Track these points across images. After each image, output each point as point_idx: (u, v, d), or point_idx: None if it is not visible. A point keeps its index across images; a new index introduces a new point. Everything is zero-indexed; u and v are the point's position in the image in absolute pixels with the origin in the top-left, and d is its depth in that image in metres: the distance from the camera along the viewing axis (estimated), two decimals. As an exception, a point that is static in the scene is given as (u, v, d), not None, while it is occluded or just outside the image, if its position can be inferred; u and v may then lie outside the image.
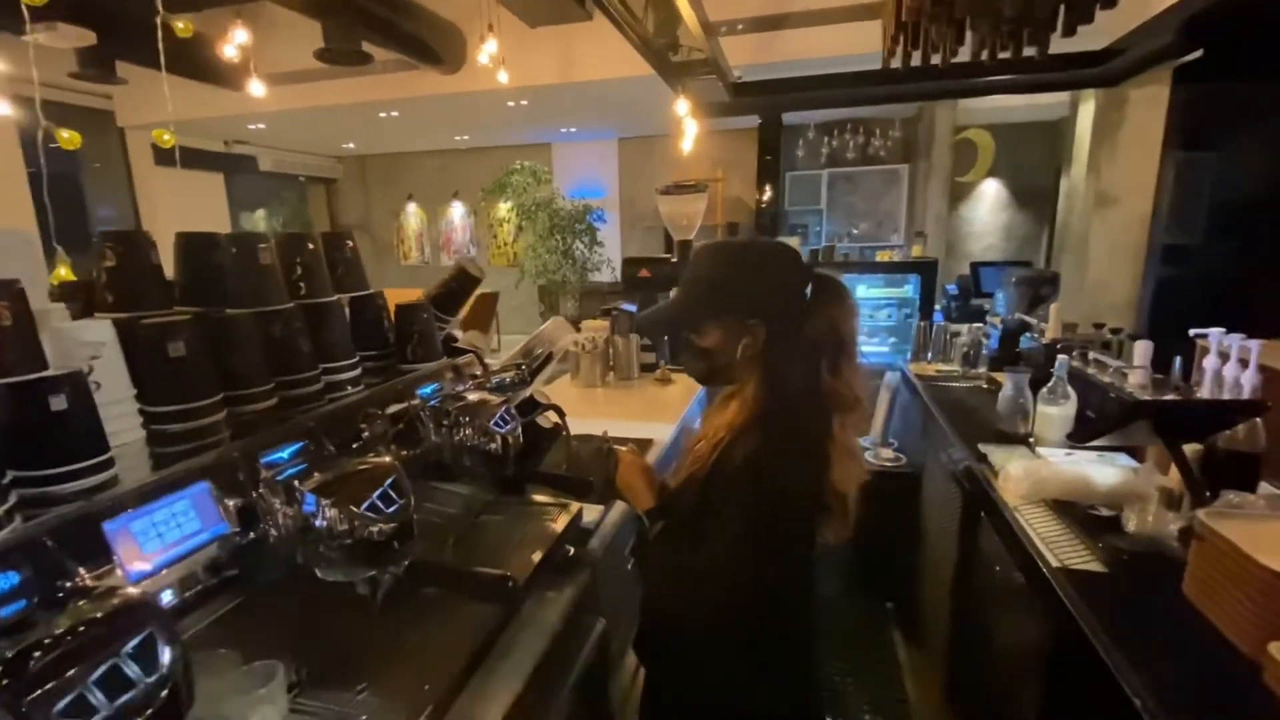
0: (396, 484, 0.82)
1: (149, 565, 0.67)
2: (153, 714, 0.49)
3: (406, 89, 6.05)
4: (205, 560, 0.74)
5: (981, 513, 1.85)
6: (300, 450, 0.88)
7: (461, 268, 1.39)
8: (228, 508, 0.77)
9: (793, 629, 1.10)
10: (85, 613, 0.51)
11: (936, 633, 2.35)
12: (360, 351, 1.25)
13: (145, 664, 0.50)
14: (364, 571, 0.80)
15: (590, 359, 2.77)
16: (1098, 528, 1.46)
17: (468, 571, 0.92)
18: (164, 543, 0.70)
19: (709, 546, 0.98)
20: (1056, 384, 1.92)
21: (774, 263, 1.05)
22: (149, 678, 0.50)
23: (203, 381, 0.92)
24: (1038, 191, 7.45)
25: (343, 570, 0.79)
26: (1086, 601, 1.21)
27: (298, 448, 0.88)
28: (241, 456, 0.82)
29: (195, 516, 0.74)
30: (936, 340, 3.34)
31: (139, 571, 0.66)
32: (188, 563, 0.72)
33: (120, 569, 0.64)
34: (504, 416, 1.12)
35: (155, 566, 0.68)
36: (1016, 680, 1.59)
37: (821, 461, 0.99)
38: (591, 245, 7.73)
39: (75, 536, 0.63)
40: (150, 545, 0.69)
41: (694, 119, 4.00)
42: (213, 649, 0.76)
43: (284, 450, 0.86)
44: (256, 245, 1.04)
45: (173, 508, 0.72)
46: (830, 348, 1.01)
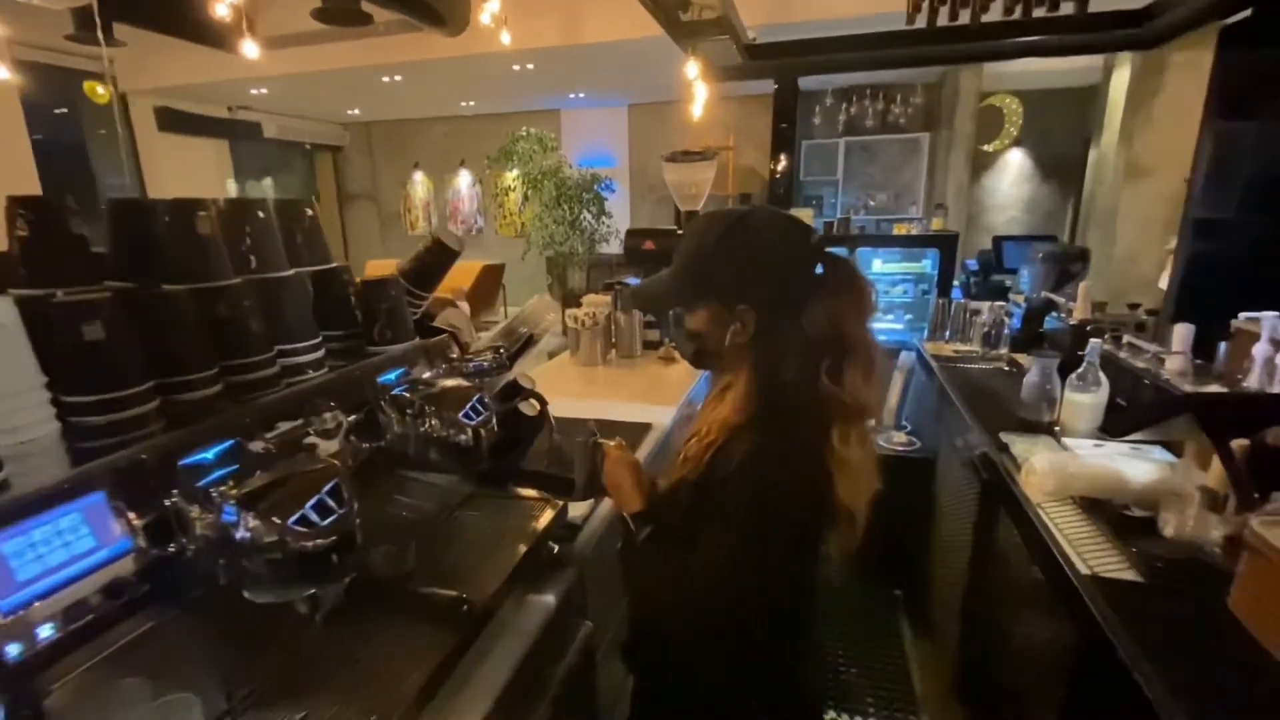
0: (336, 491, 0.71)
1: (20, 595, 0.57)
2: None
3: (409, 52, 5.87)
4: (101, 583, 0.64)
5: (1000, 507, 1.74)
6: (230, 450, 0.77)
7: (438, 239, 1.26)
8: (131, 521, 0.67)
9: (790, 636, 1.00)
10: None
11: (947, 625, 2.26)
12: (325, 331, 1.14)
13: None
14: (296, 592, 0.70)
15: (591, 335, 2.64)
16: (1131, 530, 1.34)
17: (416, 593, 0.82)
18: (45, 566, 0.60)
19: (701, 556, 0.88)
20: (1087, 369, 1.78)
21: (772, 239, 0.91)
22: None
23: (127, 367, 0.81)
24: (1064, 162, 7.14)
25: (273, 591, 0.69)
26: (1120, 615, 1.09)
27: (226, 447, 0.77)
28: (153, 459, 0.72)
29: (89, 533, 0.64)
30: (955, 318, 3.19)
31: (8, 601, 0.56)
32: (77, 588, 0.62)
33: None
34: (476, 407, 1.01)
35: (32, 595, 0.58)
36: (1036, 687, 1.49)
37: (824, 470, 0.87)
38: (599, 216, 7.54)
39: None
40: (26, 570, 0.59)
41: (705, 83, 3.80)
42: (120, 681, 0.67)
43: (209, 451, 0.75)
44: (194, 213, 0.92)
45: (58, 524, 0.62)
46: (831, 347, 0.88)
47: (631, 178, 8.57)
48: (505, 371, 1.23)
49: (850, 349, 0.87)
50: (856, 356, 0.88)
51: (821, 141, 7.52)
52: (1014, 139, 7.12)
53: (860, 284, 0.89)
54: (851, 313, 0.88)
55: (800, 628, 1.01)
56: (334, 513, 0.70)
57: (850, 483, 0.87)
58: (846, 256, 0.92)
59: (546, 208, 7.37)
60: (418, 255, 1.27)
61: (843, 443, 0.86)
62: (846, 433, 0.87)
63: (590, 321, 2.61)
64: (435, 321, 1.30)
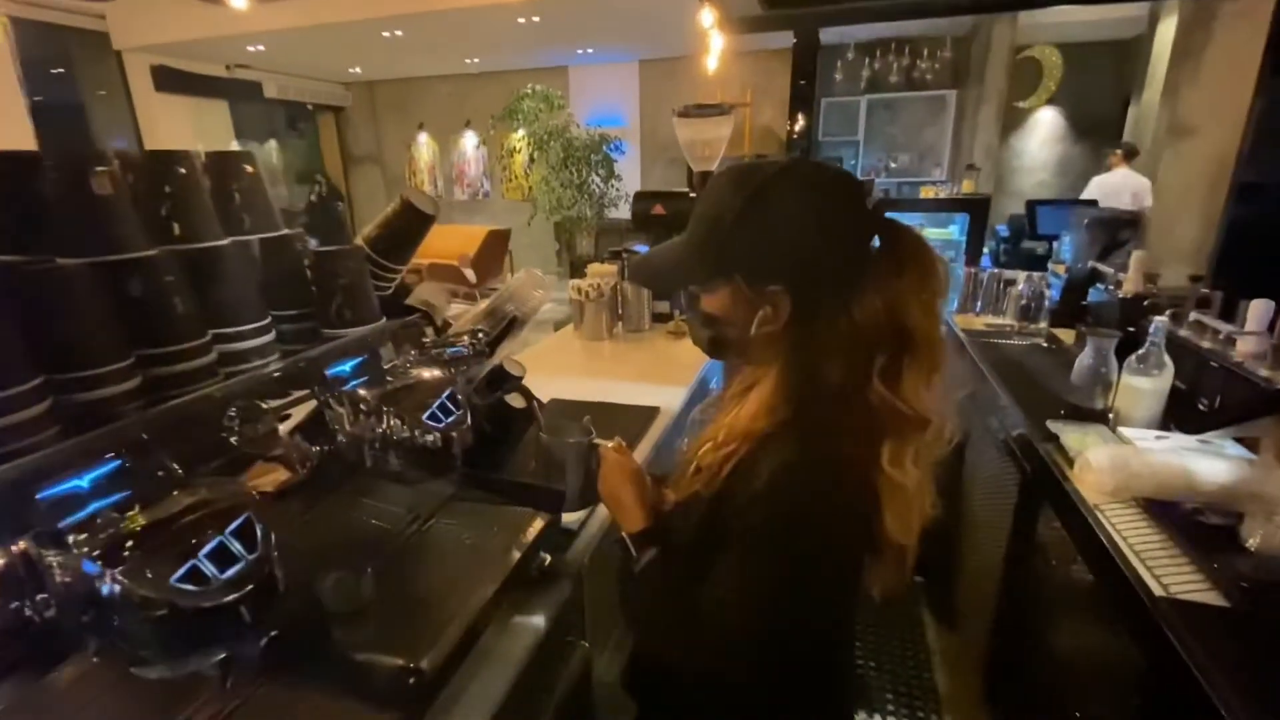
0: (246, 530, 0.55)
1: None
2: None
3: (409, 4, 5.59)
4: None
5: (1046, 503, 1.56)
6: (114, 473, 0.60)
7: (406, 201, 1.07)
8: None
9: (822, 698, 0.84)
10: None
11: (976, 620, 2.11)
12: (275, 311, 0.97)
13: None
14: (195, 659, 0.55)
15: (596, 308, 2.47)
16: (1208, 541, 1.16)
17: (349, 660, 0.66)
18: None
19: (714, 593, 0.71)
20: (1150, 351, 1.58)
21: (812, 203, 0.70)
22: None
23: (5, 361, 0.65)
24: (1100, 121, 6.75)
25: (161, 661, 0.53)
26: (1206, 648, 0.93)
27: (108, 470, 0.60)
28: (8, 486, 0.56)
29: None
30: (988, 289, 2.97)
31: None
32: None
33: None
34: (446, 405, 0.84)
35: None
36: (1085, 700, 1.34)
37: (870, 497, 0.70)
38: (609, 179, 7.27)
39: None
40: None
41: (720, 32, 3.53)
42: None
43: (83, 477, 0.58)
44: (88, 169, 0.74)
45: None
46: (888, 342, 0.69)
47: (642, 139, 8.26)
48: (485, 359, 1.06)
49: (912, 345, 0.68)
50: (919, 355, 0.69)
51: (842, 99, 7.16)
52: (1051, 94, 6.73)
53: (929, 260, 0.69)
54: (917, 298, 0.68)
55: (833, 681, 0.85)
56: (239, 560, 0.54)
57: (901, 512, 0.69)
58: (910, 225, 0.72)
59: (553, 170, 7.10)
60: (384, 220, 1.08)
61: (895, 464, 0.68)
62: (901, 451, 0.68)
63: (595, 293, 2.43)
64: (409, 299, 1.13)
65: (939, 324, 0.71)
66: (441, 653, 0.69)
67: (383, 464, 0.84)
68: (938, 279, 0.69)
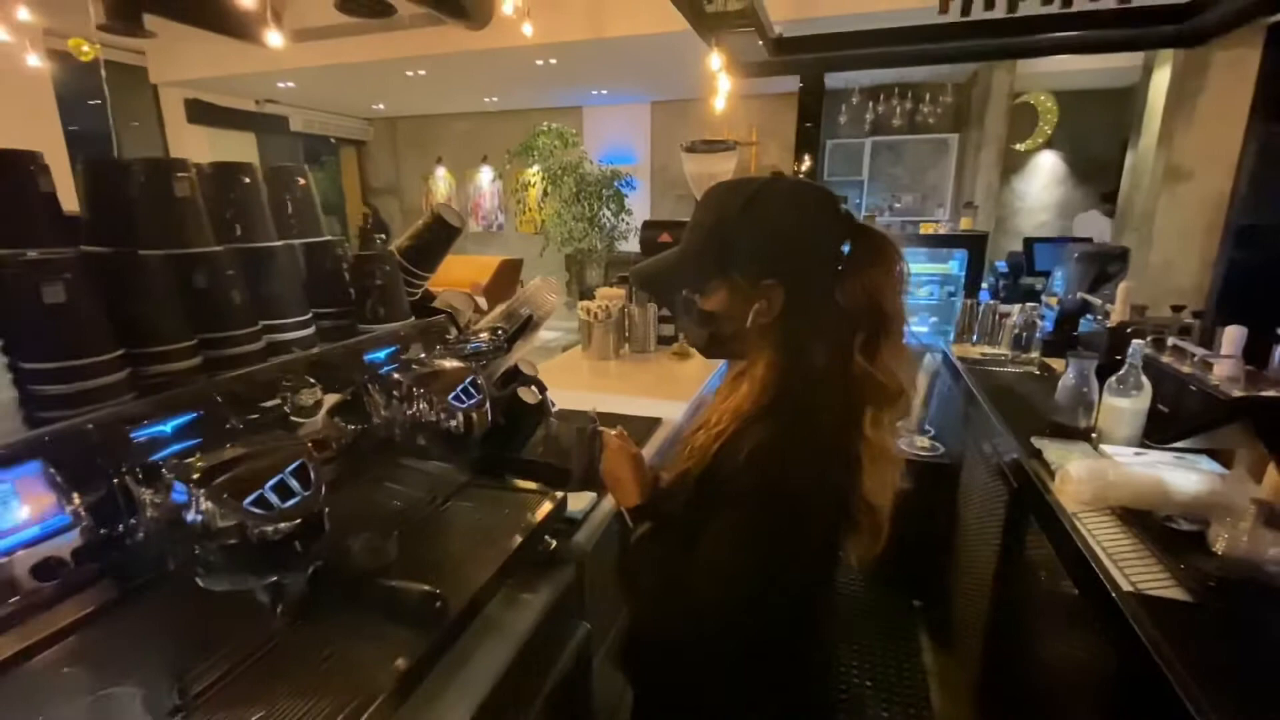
0: (301, 471, 0.65)
1: (-69, 571, 0.52)
2: None
3: (433, 46, 5.87)
4: (31, 562, 0.59)
5: (1031, 516, 1.63)
6: (191, 425, 0.71)
7: (437, 215, 1.20)
8: (70, 494, 0.61)
9: (802, 650, 0.91)
10: None
11: (968, 639, 2.15)
12: (315, 308, 1.08)
13: None
14: (255, 580, 0.64)
15: (603, 329, 2.58)
16: (1178, 545, 1.23)
17: (386, 587, 0.75)
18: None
19: (702, 558, 0.80)
20: (1129, 372, 1.66)
21: (800, 208, 0.83)
22: None
23: (92, 334, 0.76)
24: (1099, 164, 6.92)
25: (228, 577, 0.63)
26: (1169, 639, 0.99)
27: (187, 420, 0.71)
28: (100, 429, 0.66)
29: (18, 505, 0.59)
30: (983, 320, 3.07)
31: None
32: (3, 565, 0.56)
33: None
34: (468, 389, 0.94)
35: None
36: (1068, 709, 1.39)
37: (848, 464, 0.79)
38: (619, 213, 7.48)
39: None
40: (-57, 543, 0.53)
41: (728, 75, 3.72)
42: (56, 669, 0.61)
43: (166, 424, 0.69)
44: (172, 174, 0.86)
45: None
46: (867, 321, 0.80)
47: (652, 175, 8.51)
48: (503, 354, 1.16)
49: (887, 323, 0.79)
50: (893, 331, 0.80)
51: (847, 141, 7.38)
52: (1047, 138, 6.93)
53: (895, 252, 0.81)
54: (889, 283, 0.80)
55: (814, 642, 0.92)
56: (296, 495, 0.63)
57: (879, 473, 0.79)
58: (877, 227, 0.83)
59: (566, 204, 7.32)
60: (416, 232, 1.21)
61: (875, 427, 0.78)
62: (880, 416, 0.79)
63: (603, 314, 2.54)
64: (435, 302, 1.24)
65: (904, 306, 0.82)
66: (470, 587, 0.77)
67: (411, 442, 0.93)
68: (903, 266, 0.80)
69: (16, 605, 0.58)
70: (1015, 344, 2.70)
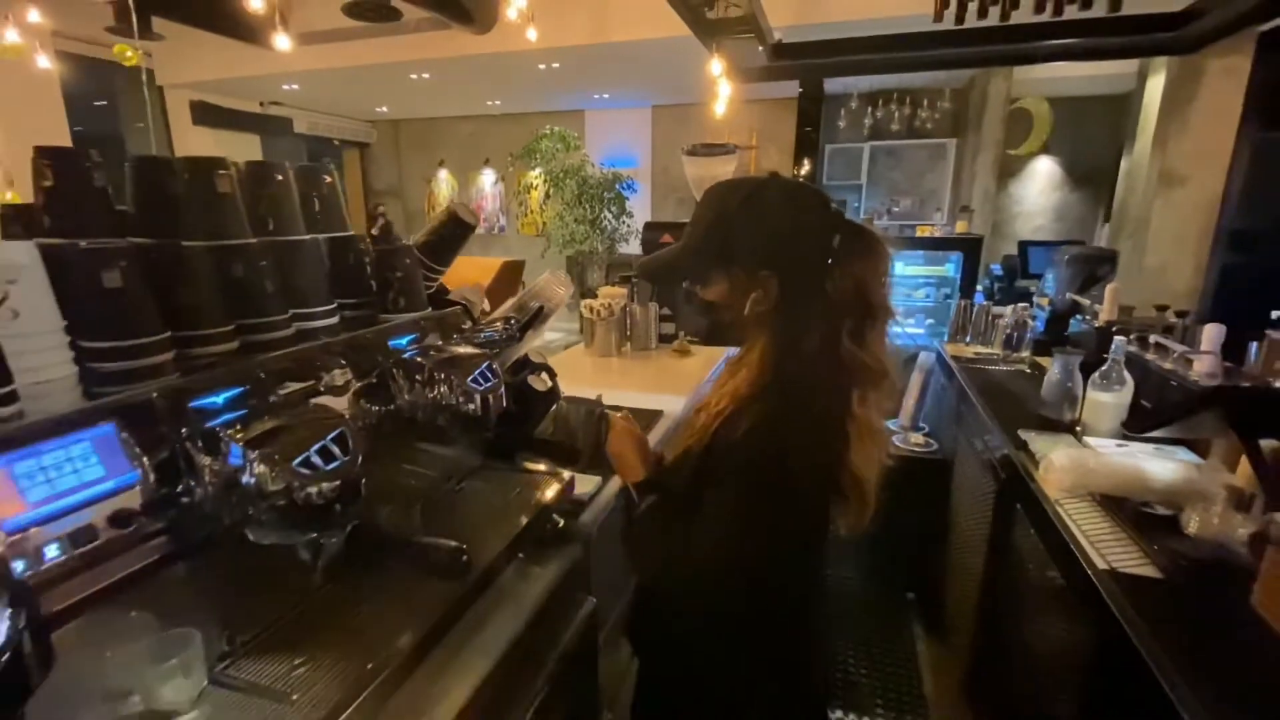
0: (342, 438, 0.72)
1: (29, 515, 0.59)
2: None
3: (437, 49, 5.94)
4: (108, 512, 0.65)
5: (1017, 505, 1.70)
6: (239, 396, 0.78)
7: (453, 212, 1.27)
8: (139, 454, 0.68)
9: (797, 620, 0.98)
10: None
11: (960, 628, 2.21)
12: (339, 299, 1.15)
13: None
14: (299, 535, 0.71)
15: (606, 327, 2.65)
16: (1152, 528, 1.30)
17: (416, 542, 0.82)
18: (54, 489, 0.62)
19: (702, 526, 0.86)
20: (1111, 367, 1.73)
21: (793, 204, 0.90)
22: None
23: (144, 317, 0.83)
24: (1095, 170, 7.01)
25: (276, 533, 0.70)
26: (1138, 610, 1.06)
27: (237, 393, 0.78)
28: (164, 399, 0.73)
29: (97, 462, 0.66)
30: (977, 321, 3.14)
31: (16, 520, 0.57)
32: (84, 514, 0.63)
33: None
34: (485, 373, 1.01)
35: (40, 516, 0.59)
36: (1050, 688, 1.45)
37: (837, 439, 0.86)
38: (620, 215, 7.56)
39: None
40: (37, 491, 0.60)
41: (729, 80, 3.80)
42: (123, 613, 0.68)
43: (220, 395, 0.76)
44: (214, 171, 0.93)
45: (69, 450, 0.64)
46: (854, 310, 0.87)
47: (653, 179, 8.60)
48: (515, 343, 1.23)
49: (874, 311, 0.87)
50: (879, 319, 0.87)
51: (846, 145, 7.47)
52: (1042, 144, 7.01)
53: (881, 246, 0.88)
54: (875, 275, 0.87)
55: (807, 609, 0.99)
56: (337, 459, 0.70)
57: (865, 448, 0.86)
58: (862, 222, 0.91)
59: (568, 206, 7.40)
60: (433, 228, 1.28)
61: (862, 405, 0.85)
62: (866, 395, 0.86)
63: (606, 312, 2.61)
64: (450, 295, 1.31)
65: (890, 295, 0.89)
66: (487, 554, 0.84)
67: (432, 422, 1.00)
68: (889, 260, 0.88)
69: (96, 549, 0.65)
70: (1007, 344, 2.77)
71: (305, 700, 0.68)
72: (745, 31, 3.70)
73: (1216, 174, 4.77)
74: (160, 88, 7.94)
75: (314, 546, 0.74)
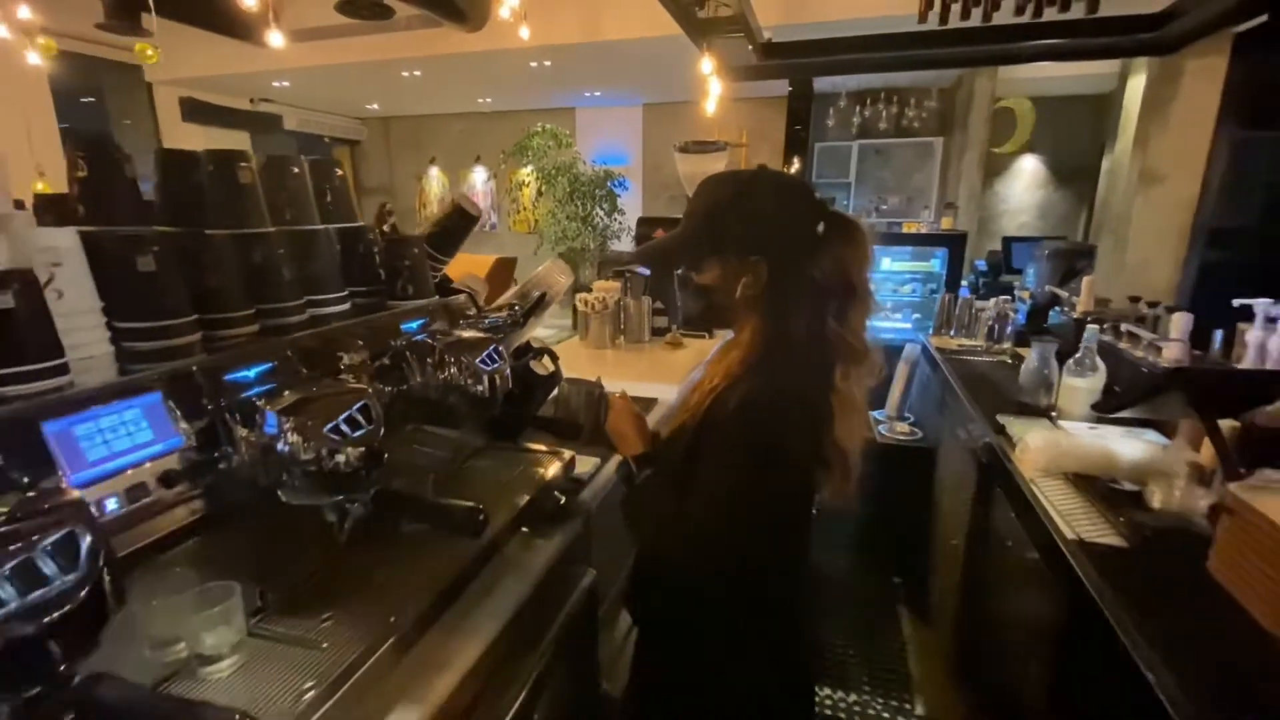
0: (366, 408, 0.78)
1: (90, 471, 0.64)
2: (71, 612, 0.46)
3: (429, 47, 5.97)
4: (158, 472, 0.71)
5: (997, 488, 1.78)
6: (269, 371, 0.84)
7: (457, 205, 1.33)
8: (183, 421, 0.74)
9: (786, 583, 1.05)
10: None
11: (945, 610, 2.30)
12: (349, 286, 1.21)
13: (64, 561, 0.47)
14: (328, 496, 0.76)
15: (600, 320, 2.71)
16: (1120, 502, 1.38)
17: (436, 503, 0.88)
18: (111, 450, 0.67)
19: (697, 495, 0.93)
20: (1085, 354, 1.82)
21: (781, 195, 0.97)
22: (68, 575, 0.47)
23: (175, 300, 0.88)
24: (1078, 169, 7.13)
25: (307, 494, 0.76)
26: (1104, 576, 1.14)
27: (267, 368, 0.84)
28: (203, 371, 0.79)
29: (147, 426, 0.71)
30: (961, 314, 3.23)
31: (82, 477, 0.63)
32: (137, 472, 0.69)
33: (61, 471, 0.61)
34: (492, 355, 1.07)
35: (101, 473, 0.65)
36: (1025, 657, 1.53)
37: (821, 412, 0.93)
38: (612, 212, 7.62)
39: (12, 435, 0.60)
40: (96, 451, 0.66)
41: (719, 79, 3.86)
42: (168, 567, 0.73)
43: (251, 369, 0.82)
44: (236, 164, 0.99)
45: (122, 415, 0.69)
46: (838, 293, 0.94)
47: (645, 176, 8.66)
48: (519, 328, 1.29)
49: (855, 294, 0.94)
50: (860, 301, 0.94)
51: (835, 144, 7.55)
52: (1025, 142, 7.13)
53: (863, 234, 0.95)
54: (857, 260, 0.94)
55: (794, 572, 1.06)
56: (363, 427, 0.76)
57: (848, 420, 0.93)
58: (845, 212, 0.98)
59: (560, 203, 7.45)
60: (439, 220, 1.34)
61: (844, 380, 0.93)
62: (848, 371, 0.93)
63: (600, 306, 2.68)
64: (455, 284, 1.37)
65: (870, 279, 0.96)
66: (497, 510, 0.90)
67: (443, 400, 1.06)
68: (870, 246, 0.95)
69: (147, 505, 0.70)
70: (989, 335, 2.86)
71: (334, 648, 0.74)
72: (735, 31, 3.77)
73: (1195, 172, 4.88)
74: (149, 84, 7.90)
75: (340, 509, 0.80)
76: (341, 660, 0.71)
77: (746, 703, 1.03)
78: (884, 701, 2.19)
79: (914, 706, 2.17)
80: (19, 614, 0.44)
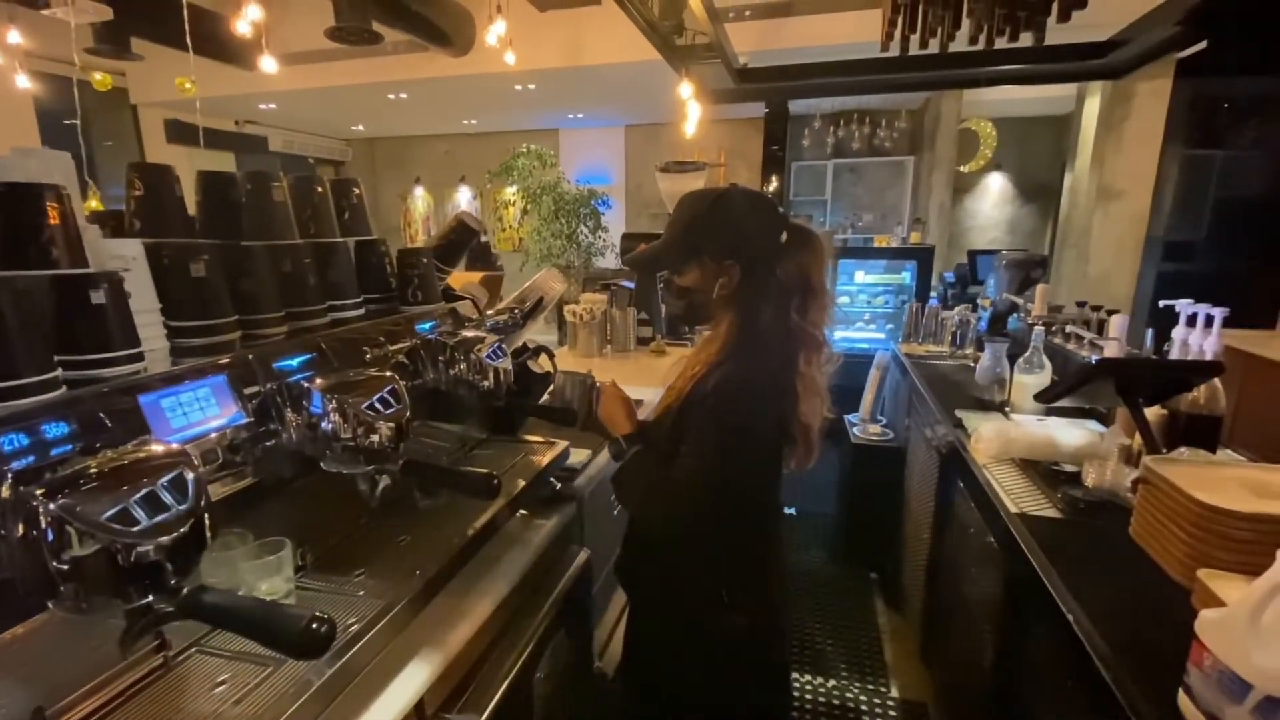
0: (395, 390, 0.91)
1: (175, 436, 0.76)
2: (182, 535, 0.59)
3: (415, 70, 6.11)
4: (224, 442, 0.83)
5: (956, 476, 1.93)
6: (308, 361, 0.97)
7: (460, 219, 1.47)
8: (244, 399, 0.86)
9: (757, 539, 1.19)
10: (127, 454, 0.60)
11: (914, 598, 2.44)
12: (364, 293, 1.34)
13: (177, 495, 0.60)
14: (364, 465, 0.89)
15: (587, 330, 2.85)
16: (1059, 481, 1.54)
17: (456, 470, 1.01)
18: (189, 420, 0.79)
19: (680, 464, 1.07)
20: (1033, 353, 2.00)
21: (750, 208, 1.12)
22: (181, 505, 0.59)
23: (220, 303, 1.01)
24: (1042, 185, 7.48)
25: (346, 464, 0.88)
26: (1039, 541, 1.29)
27: (307, 358, 0.97)
28: (256, 359, 0.91)
29: (215, 403, 0.83)
30: (927, 323, 3.42)
31: (169, 439, 0.75)
32: (208, 440, 0.81)
33: (153, 434, 0.73)
34: (496, 351, 1.21)
35: (182, 439, 0.77)
36: (978, 627, 1.67)
37: (787, 392, 1.07)
38: (596, 230, 7.80)
39: (115, 404, 0.73)
40: (177, 420, 0.78)
41: (698, 102, 4.06)
42: (226, 527, 0.85)
43: (294, 359, 0.95)
44: (269, 184, 1.12)
45: (196, 392, 0.82)
46: (800, 290, 1.09)
47: (627, 195, 8.87)
48: (519, 329, 1.43)
49: (815, 293, 1.09)
50: (819, 298, 1.09)
51: (810, 163, 7.83)
52: (988, 160, 7.45)
53: (819, 241, 1.11)
54: (816, 264, 1.09)
55: (765, 529, 1.20)
56: (393, 406, 0.89)
57: (811, 401, 1.08)
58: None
59: (545, 221, 7.61)
60: (443, 234, 1.48)
61: (807, 365, 1.08)
62: (810, 357, 1.09)
63: (588, 316, 2.82)
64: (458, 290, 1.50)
65: (828, 280, 1.11)
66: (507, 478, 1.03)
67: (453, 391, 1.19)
68: (827, 251, 1.10)
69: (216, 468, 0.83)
70: (953, 341, 3.04)
71: (369, 595, 0.86)
72: (712, 57, 3.98)
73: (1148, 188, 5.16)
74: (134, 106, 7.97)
75: (371, 480, 0.92)
76: (377, 603, 0.83)
77: (726, 644, 1.15)
78: (860, 685, 2.32)
79: (889, 689, 2.30)
80: (148, 531, 0.56)
